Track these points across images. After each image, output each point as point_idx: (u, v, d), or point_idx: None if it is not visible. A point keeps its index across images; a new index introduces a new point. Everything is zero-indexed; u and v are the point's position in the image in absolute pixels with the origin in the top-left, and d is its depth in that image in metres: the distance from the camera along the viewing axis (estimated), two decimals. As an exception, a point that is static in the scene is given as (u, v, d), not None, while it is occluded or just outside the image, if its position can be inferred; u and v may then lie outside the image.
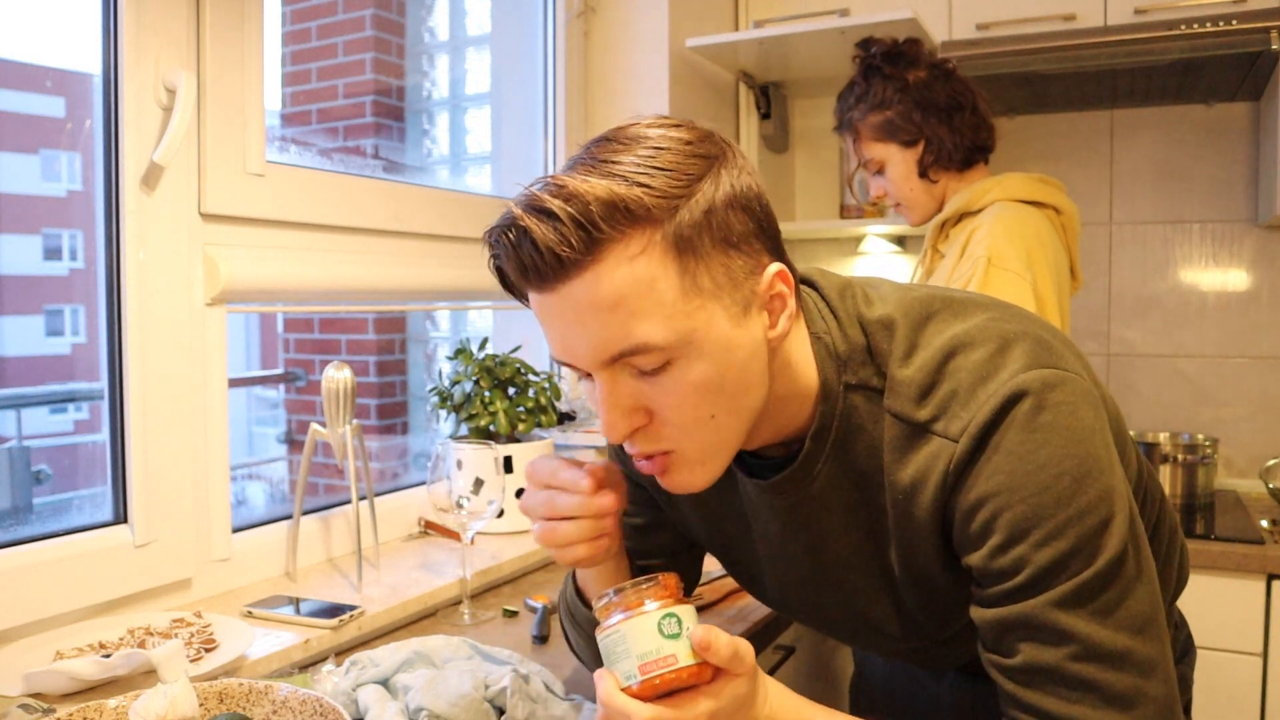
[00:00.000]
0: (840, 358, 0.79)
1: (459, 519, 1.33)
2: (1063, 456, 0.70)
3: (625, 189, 0.66)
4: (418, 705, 0.96)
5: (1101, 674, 0.68)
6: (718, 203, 0.69)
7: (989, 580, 0.72)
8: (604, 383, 0.71)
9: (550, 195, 0.66)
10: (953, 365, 0.75)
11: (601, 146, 0.70)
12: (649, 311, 0.68)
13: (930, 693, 1.13)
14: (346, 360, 2.01)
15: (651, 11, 2.13)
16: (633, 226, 0.67)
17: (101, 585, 1.20)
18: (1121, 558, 0.70)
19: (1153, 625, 0.70)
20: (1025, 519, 0.69)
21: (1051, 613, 0.69)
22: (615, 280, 0.67)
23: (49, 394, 2.67)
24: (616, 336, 0.68)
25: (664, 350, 0.69)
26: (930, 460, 0.74)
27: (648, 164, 0.68)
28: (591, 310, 0.68)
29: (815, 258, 2.71)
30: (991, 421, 0.71)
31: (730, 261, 0.70)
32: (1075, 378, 0.73)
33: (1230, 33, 1.79)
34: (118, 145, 1.23)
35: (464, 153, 2.96)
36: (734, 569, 1.00)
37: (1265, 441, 2.23)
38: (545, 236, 0.66)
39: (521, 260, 0.68)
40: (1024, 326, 0.77)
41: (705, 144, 0.71)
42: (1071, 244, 1.67)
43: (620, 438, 0.73)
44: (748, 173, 0.73)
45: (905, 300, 0.80)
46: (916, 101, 1.64)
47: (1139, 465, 0.92)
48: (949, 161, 1.67)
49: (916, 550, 0.79)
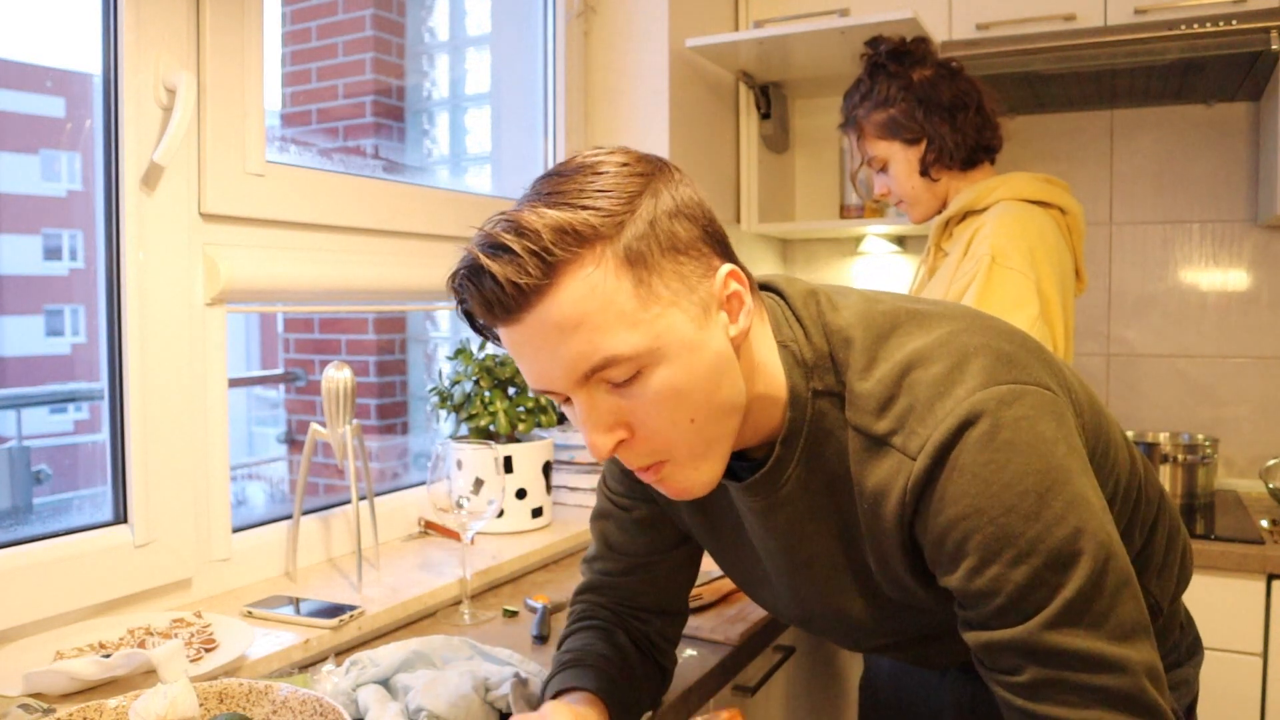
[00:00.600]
0: (807, 364, 0.81)
1: (459, 519, 1.33)
2: (1024, 473, 0.71)
3: (571, 214, 0.70)
4: (418, 705, 0.96)
5: (1108, 680, 0.69)
6: (660, 214, 0.73)
7: (971, 601, 0.74)
8: (581, 402, 0.75)
9: (503, 232, 0.71)
10: (910, 379, 0.76)
11: (547, 181, 0.74)
12: (612, 324, 0.71)
13: (933, 690, 1.14)
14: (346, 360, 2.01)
15: (651, 11, 2.13)
16: (583, 247, 0.70)
17: (101, 585, 1.20)
18: (1103, 566, 0.70)
19: (1142, 628, 0.72)
20: (996, 539, 0.71)
21: (1046, 636, 0.70)
22: (575, 299, 0.70)
23: (49, 394, 2.66)
24: (585, 352, 0.71)
25: (633, 359, 0.72)
26: (891, 474, 0.76)
27: (590, 189, 0.72)
28: (558, 332, 0.71)
29: (815, 258, 2.71)
30: (948, 442, 0.72)
31: (681, 267, 0.74)
32: (1033, 390, 0.74)
33: (1230, 33, 1.79)
34: (118, 145, 1.23)
35: (464, 153, 2.96)
36: (730, 570, 1.01)
37: (1265, 441, 2.23)
38: (504, 270, 0.70)
39: (485, 297, 0.72)
40: (985, 339, 0.78)
41: (642, 164, 0.75)
42: (1076, 245, 1.66)
43: (605, 454, 0.76)
44: (686, 185, 0.77)
45: (870, 312, 0.82)
46: (920, 100, 1.65)
47: (1132, 464, 0.92)
48: (951, 160, 1.67)
49: (887, 551, 0.81)
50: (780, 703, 1.50)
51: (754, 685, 1.34)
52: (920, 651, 0.98)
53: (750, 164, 2.45)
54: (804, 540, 0.86)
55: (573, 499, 1.86)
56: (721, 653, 1.23)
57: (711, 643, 1.26)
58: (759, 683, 1.35)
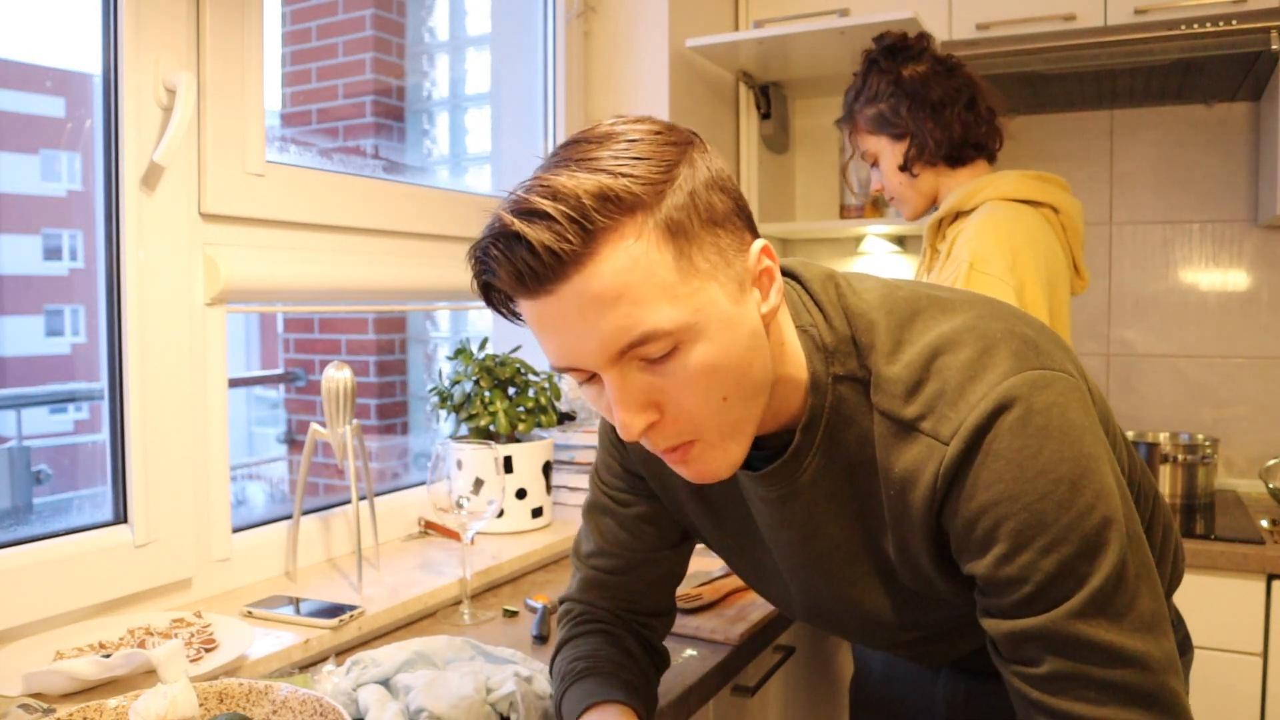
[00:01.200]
0: (827, 349, 0.79)
1: (459, 519, 1.33)
2: (1058, 460, 0.70)
3: (612, 180, 0.66)
4: (418, 706, 0.96)
5: (1127, 676, 0.69)
6: (699, 185, 0.70)
7: (996, 590, 0.73)
8: (613, 380, 0.71)
9: (539, 196, 0.66)
10: (939, 364, 0.75)
11: (574, 147, 0.70)
12: (652, 297, 0.68)
13: (925, 688, 1.14)
14: (346, 360, 2.01)
15: (651, 11, 2.13)
16: (624, 215, 0.67)
17: (101, 585, 1.20)
18: (1125, 556, 0.70)
19: (1162, 621, 0.71)
20: (1029, 526, 0.70)
21: (1071, 625, 0.69)
22: (615, 270, 0.66)
23: (49, 394, 2.66)
24: (624, 326, 0.68)
25: (671, 334, 0.69)
26: (921, 459, 0.75)
27: (626, 155, 0.68)
28: (595, 304, 0.67)
29: (815, 257, 2.70)
30: (982, 426, 0.71)
31: (719, 240, 0.71)
32: (1063, 376, 0.74)
33: (1230, 33, 1.79)
34: (118, 145, 1.23)
35: (464, 153, 2.96)
36: (736, 563, 1.00)
37: (1265, 441, 2.23)
38: (540, 236, 0.65)
39: (516, 267, 0.67)
40: (1010, 325, 0.77)
41: (674, 133, 0.72)
42: (1073, 242, 1.65)
43: (636, 435, 0.72)
44: (716, 157, 0.74)
45: (890, 297, 0.80)
46: (907, 94, 1.64)
47: (1131, 460, 0.92)
48: (932, 157, 1.65)
49: (910, 539, 0.79)
50: (779, 703, 1.50)
51: (753, 685, 1.34)
52: (923, 649, 0.97)
53: (750, 164, 2.45)
54: (820, 530, 0.85)
55: (573, 499, 1.86)
56: (721, 653, 1.23)
57: (711, 643, 1.26)
58: (758, 683, 1.35)
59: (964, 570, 0.76)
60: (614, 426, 0.76)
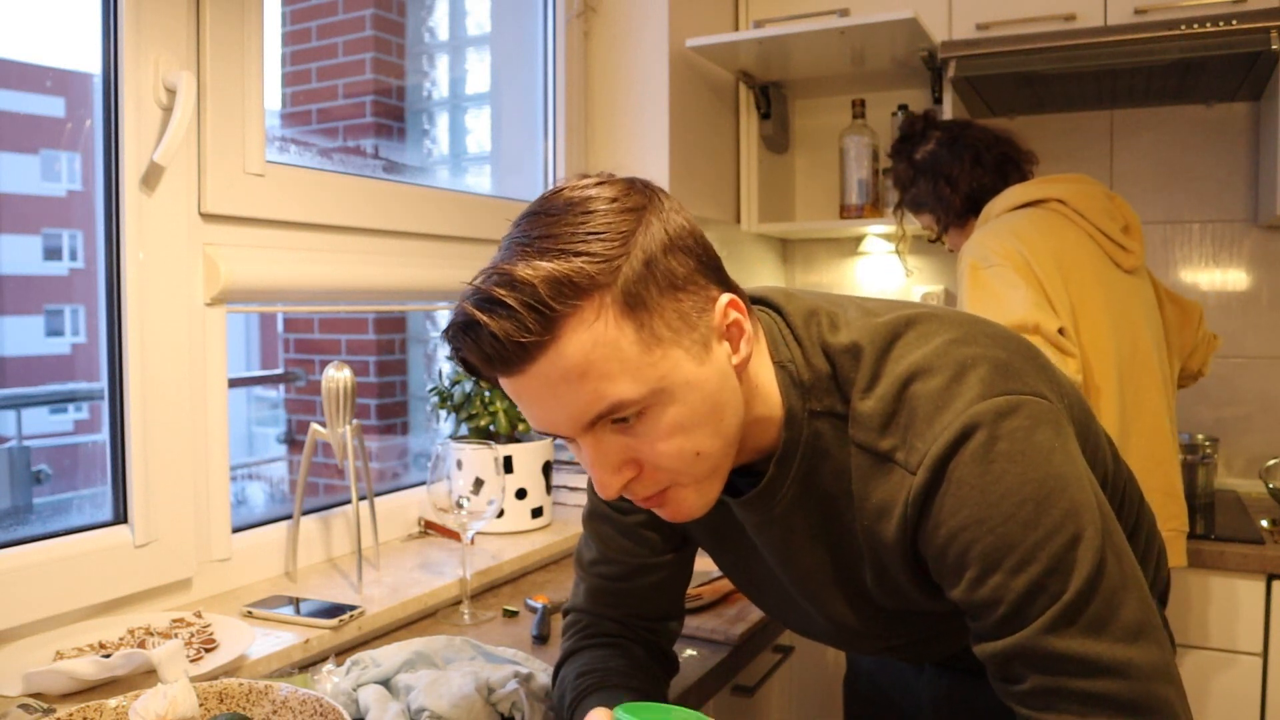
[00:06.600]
0: (804, 386, 0.81)
1: (459, 519, 1.33)
2: (1022, 483, 0.71)
3: (565, 263, 0.68)
4: (419, 706, 0.96)
5: (1109, 686, 0.69)
6: (656, 252, 0.71)
7: (976, 613, 0.74)
8: (588, 445, 0.74)
9: (496, 286, 0.68)
10: (910, 393, 0.76)
11: (534, 222, 0.72)
12: (616, 371, 0.70)
13: (911, 684, 1.16)
14: (346, 360, 2.01)
15: (651, 11, 2.13)
16: (581, 298, 0.69)
17: (101, 585, 1.20)
18: (1100, 570, 0.71)
19: (1148, 629, 0.71)
20: (996, 549, 0.71)
21: (1044, 640, 0.70)
22: (578, 350, 0.69)
23: (49, 394, 2.66)
24: (591, 401, 0.71)
25: (638, 402, 0.72)
26: (894, 489, 0.76)
27: (581, 231, 0.70)
28: (562, 382, 0.70)
29: (815, 258, 2.71)
30: (944, 455, 0.73)
31: (680, 305, 0.73)
32: (1030, 400, 0.74)
33: (1230, 33, 1.79)
34: (118, 145, 1.23)
35: (464, 153, 2.96)
36: (731, 573, 1.02)
37: (1265, 441, 2.23)
38: (502, 327, 0.68)
39: (484, 352, 0.70)
40: (982, 349, 0.78)
41: (630, 197, 0.73)
42: (1097, 221, 1.65)
43: (615, 493, 0.76)
44: (676, 212, 0.75)
45: (871, 325, 0.81)
46: (923, 174, 1.79)
47: (1117, 466, 0.93)
48: (958, 218, 1.79)
49: (889, 567, 0.81)
50: (779, 703, 1.50)
51: (753, 685, 1.34)
52: (909, 651, 0.99)
53: (750, 164, 2.45)
54: (797, 556, 0.87)
55: (573, 499, 1.86)
56: (721, 653, 1.23)
57: (711, 643, 1.26)
58: (758, 683, 1.35)
59: (947, 596, 0.77)
60: None
